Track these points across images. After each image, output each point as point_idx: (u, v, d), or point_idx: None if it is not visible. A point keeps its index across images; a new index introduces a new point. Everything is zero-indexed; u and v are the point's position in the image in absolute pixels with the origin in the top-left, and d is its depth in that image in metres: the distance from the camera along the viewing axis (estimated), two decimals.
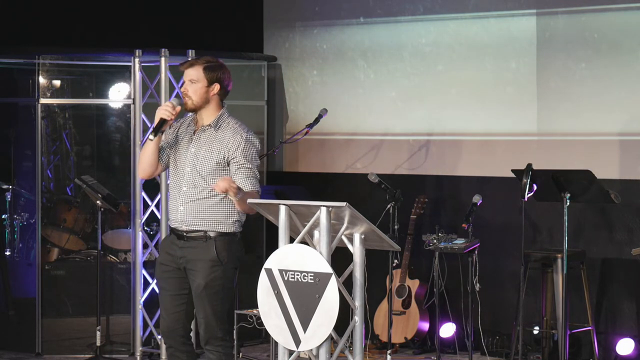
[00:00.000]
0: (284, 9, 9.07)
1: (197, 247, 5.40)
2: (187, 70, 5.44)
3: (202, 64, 5.43)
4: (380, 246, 5.03)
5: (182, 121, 5.58)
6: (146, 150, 5.47)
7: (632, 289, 7.46)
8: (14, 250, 8.82)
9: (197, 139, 5.46)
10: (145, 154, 5.48)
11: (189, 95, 5.42)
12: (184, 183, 5.44)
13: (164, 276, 5.51)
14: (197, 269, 5.39)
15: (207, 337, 5.44)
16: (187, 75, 5.44)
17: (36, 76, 8.28)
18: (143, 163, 5.51)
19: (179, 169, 5.48)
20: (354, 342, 4.85)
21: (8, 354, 8.06)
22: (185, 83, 5.44)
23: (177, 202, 5.48)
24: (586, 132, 7.63)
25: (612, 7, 7.52)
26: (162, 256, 5.55)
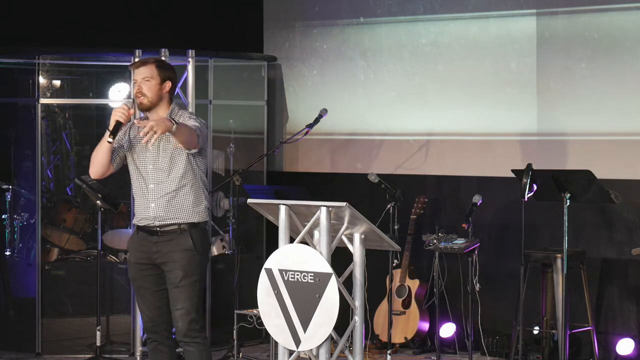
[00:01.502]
0: (284, 9, 9.07)
1: (172, 239, 5.47)
2: (139, 69, 5.52)
3: (154, 62, 5.54)
4: (380, 246, 5.03)
5: (130, 125, 5.63)
6: (99, 152, 5.51)
7: (632, 289, 7.46)
8: (14, 250, 8.82)
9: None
10: (98, 156, 5.52)
11: (143, 92, 5.51)
12: (149, 181, 5.51)
13: (141, 275, 5.56)
14: (174, 260, 5.45)
15: (186, 329, 5.45)
16: (140, 73, 5.51)
17: (36, 76, 8.28)
18: (96, 164, 5.54)
19: (140, 169, 5.55)
20: (354, 342, 4.85)
21: (8, 354, 8.06)
22: (139, 82, 5.51)
23: (146, 200, 5.53)
24: (586, 132, 7.63)
25: (612, 7, 7.52)
26: (135, 255, 5.58)
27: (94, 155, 5.54)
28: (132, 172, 5.61)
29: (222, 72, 8.65)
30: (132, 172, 5.61)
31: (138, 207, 5.59)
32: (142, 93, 5.50)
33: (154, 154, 5.51)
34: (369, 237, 4.91)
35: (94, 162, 5.54)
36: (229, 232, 8.59)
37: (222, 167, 8.95)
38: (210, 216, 8.54)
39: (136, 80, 5.53)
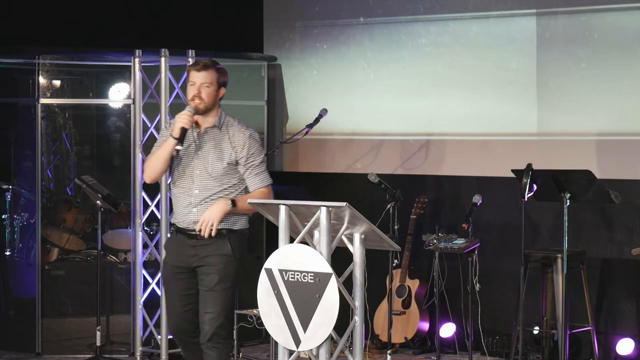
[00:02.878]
0: (284, 9, 9.07)
1: (211, 243, 5.45)
2: (201, 72, 5.49)
3: (214, 68, 5.53)
4: (380, 246, 5.03)
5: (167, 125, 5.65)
6: (161, 158, 5.50)
7: (632, 289, 7.46)
8: (14, 250, 8.82)
9: (203, 141, 5.52)
10: (159, 161, 5.50)
11: (202, 98, 5.49)
12: (194, 185, 5.49)
13: (173, 278, 5.55)
14: (212, 264, 5.45)
15: (212, 333, 5.45)
16: (201, 77, 5.48)
17: (36, 76, 8.28)
18: (156, 169, 5.53)
19: (186, 172, 5.52)
20: (354, 342, 4.85)
21: (8, 354, 8.06)
22: (199, 85, 5.48)
23: (188, 204, 5.50)
24: (586, 132, 7.63)
25: (612, 7, 7.52)
26: (171, 257, 5.57)
27: (152, 161, 5.53)
28: (177, 173, 5.56)
29: None
30: (177, 173, 5.56)
31: (179, 209, 5.55)
32: (201, 98, 5.48)
33: (204, 161, 5.50)
34: (369, 237, 4.91)
35: (152, 168, 5.54)
36: None
37: None
38: None
39: (194, 83, 5.49)
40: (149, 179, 5.60)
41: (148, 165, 5.56)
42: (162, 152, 5.49)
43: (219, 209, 5.39)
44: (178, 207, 5.55)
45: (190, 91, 5.51)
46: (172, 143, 5.43)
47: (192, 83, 5.50)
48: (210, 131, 5.54)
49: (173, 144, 5.43)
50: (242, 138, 5.55)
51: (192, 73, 5.51)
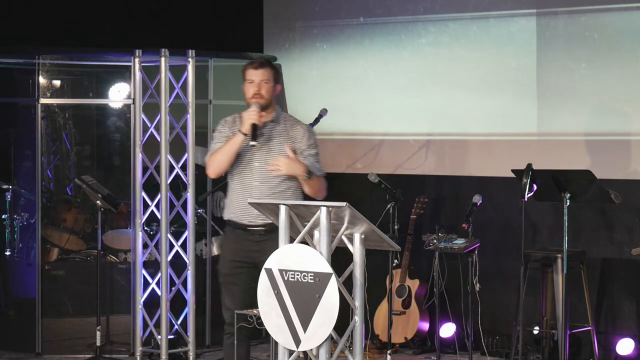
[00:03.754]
0: (284, 9, 9.07)
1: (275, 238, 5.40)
2: (259, 70, 5.71)
3: (269, 65, 5.76)
4: (380, 246, 5.03)
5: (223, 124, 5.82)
6: (230, 152, 5.63)
7: (632, 289, 7.46)
8: (14, 250, 8.82)
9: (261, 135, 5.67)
10: (227, 156, 5.64)
11: (262, 94, 5.69)
12: (254, 179, 5.66)
13: (236, 272, 5.71)
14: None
15: None
16: (259, 75, 5.70)
17: (36, 76, 8.28)
18: (223, 164, 5.67)
19: (247, 167, 5.68)
20: (354, 342, 4.85)
21: (8, 354, 8.06)
22: (258, 83, 5.69)
23: (250, 197, 5.58)
24: (586, 132, 7.63)
25: (612, 7, 7.52)
26: (231, 252, 5.73)
27: (218, 156, 5.66)
28: (236, 168, 5.73)
29: (222, 72, 8.65)
30: (236, 168, 5.73)
31: (239, 204, 5.69)
32: (261, 95, 5.68)
33: (264, 153, 5.68)
34: (369, 237, 4.91)
35: (218, 163, 5.67)
36: None
37: None
38: (210, 216, 8.55)
39: (253, 81, 5.70)
40: (214, 174, 5.74)
41: (213, 160, 5.69)
42: (230, 148, 5.63)
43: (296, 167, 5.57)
44: (238, 203, 5.71)
45: (250, 89, 5.71)
46: (241, 139, 5.59)
47: (251, 81, 5.71)
48: (269, 126, 5.73)
49: (241, 139, 5.59)
50: (301, 130, 5.76)
51: (249, 71, 5.73)
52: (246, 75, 5.74)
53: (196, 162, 7.94)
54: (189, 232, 7.81)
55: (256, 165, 5.67)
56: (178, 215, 7.84)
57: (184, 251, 7.81)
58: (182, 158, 7.80)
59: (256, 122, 5.59)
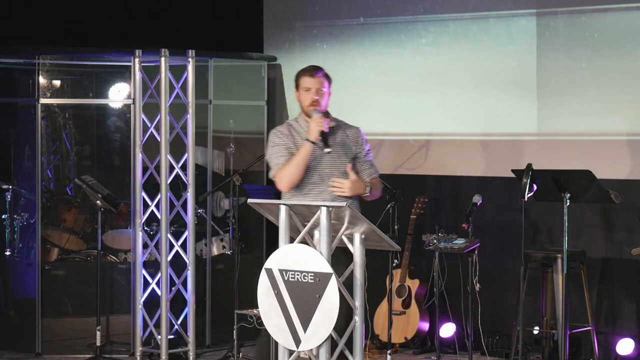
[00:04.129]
0: (284, 9, 9.07)
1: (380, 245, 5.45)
2: (315, 78, 5.69)
3: (324, 73, 5.74)
4: (380, 246, 5.03)
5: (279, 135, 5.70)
6: (302, 163, 5.58)
7: (632, 289, 7.46)
8: (14, 250, 8.82)
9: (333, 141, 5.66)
10: (300, 167, 5.58)
11: (320, 102, 5.68)
12: (325, 186, 5.63)
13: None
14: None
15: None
16: (316, 83, 5.68)
17: (36, 76, 8.28)
18: (296, 176, 5.60)
19: (314, 173, 5.63)
20: (354, 342, 4.85)
21: (8, 354, 8.06)
22: (315, 91, 5.66)
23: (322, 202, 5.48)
24: (586, 132, 7.63)
25: (612, 7, 7.52)
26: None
27: (291, 169, 5.58)
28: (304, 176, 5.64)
29: (222, 72, 8.65)
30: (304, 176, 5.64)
31: None
32: (319, 103, 5.67)
33: (332, 159, 5.66)
34: (369, 237, 4.91)
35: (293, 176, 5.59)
36: (229, 232, 8.59)
37: (222, 167, 8.95)
38: (210, 216, 8.55)
39: (310, 89, 5.67)
40: (288, 186, 5.63)
41: (286, 174, 5.60)
42: (301, 159, 5.57)
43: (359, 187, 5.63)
44: None
45: (307, 97, 5.68)
46: (310, 148, 5.56)
47: (307, 89, 5.68)
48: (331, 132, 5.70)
49: (311, 148, 5.56)
50: (357, 133, 5.82)
51: (305, 79, 5.70)
52: (301, 83, 5.71)
53: (196, 162, 7.95)
54: (189, 232, 7.81)
55: (327, 172, 5.64)
56: (178, 215, 7.84)
57: (184, 251, 7.81)
58: (182, 158, 7.80)
59: (324, 129, 5.56)
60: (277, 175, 5.65)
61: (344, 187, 5.58)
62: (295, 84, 5.78)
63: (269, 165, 5.74)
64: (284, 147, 5.66)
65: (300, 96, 5.73)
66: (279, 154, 5.67)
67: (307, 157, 5.58)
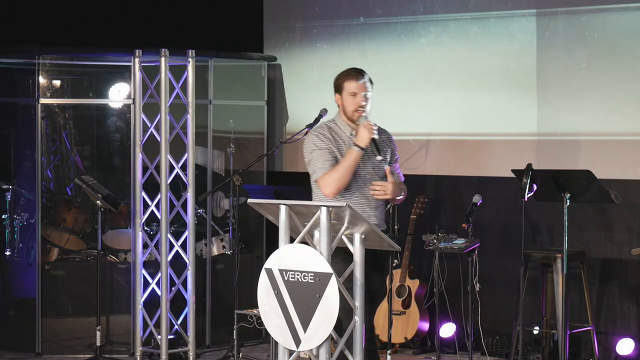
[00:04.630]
0: (284, 9, 9.07)
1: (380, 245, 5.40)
2: (361, 82, 5.57)
3: (368, 77, 5.64)
4: (380, 246, 5.03)
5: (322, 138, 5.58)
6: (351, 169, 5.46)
7: (632, 289, 7.46)
8: (14, 250, 8.82)
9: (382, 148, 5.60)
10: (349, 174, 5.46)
11: (365, 108, 5.57)
12: (368, 190, 5.54)
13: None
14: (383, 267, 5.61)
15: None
16: (363, 88, 5.57)
17: (36, 76, 8.28)
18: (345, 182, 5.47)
19: (359, 178, 5.53)
20: (354, 342, 4.85)
21: (8, 354, 8.06)
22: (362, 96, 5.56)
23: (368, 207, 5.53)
24: (586, 132, 7.63)
25: (612, 7, 7.52)
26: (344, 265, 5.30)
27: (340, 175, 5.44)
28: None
29: (222, 72, 8.65)
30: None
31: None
32: (364, 108, 5.57)
33: (372, 164, 5.57)
34: (369, 237, 4.91)
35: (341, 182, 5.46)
36: (229, 232, 8.59)
37: (222, 167, 8.95)
38: (210, 216, 8.55)
39: (356, 94, 5.56)
40: (335, 192, 5.49)
41: (335, 179, 5.45)
42: (351, 165, 5.46)
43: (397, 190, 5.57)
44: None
45: (353, 102, 5.56)
46: (359, 154, 5.45)
47: (354, 93, 5.57)
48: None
49: (360, 155, 5.45)
50: (390, 137, 5.76)
51: (352, 83, 5.58)
52: (346, 87, 5.59)
53: (196, 162, 7.95)
54: (189, 232, 7.81)
55: (368, 177, 5.55)
56: (178, 215, 7.84)
57: (184, 251, 7.81)
58: (182, 158, 7.81)
59: (375, 135, 5.46)
60: (323, 180, 5.49)
61: (386, 189, 5.51)
62: (336, 87, 5.64)
63: (310, 169, 5.58)
64: (327, 151, 5.52)
65: (343, 100, 5.60)
66: (323, 157, 5.52)
67: (356, 163, 5.46)
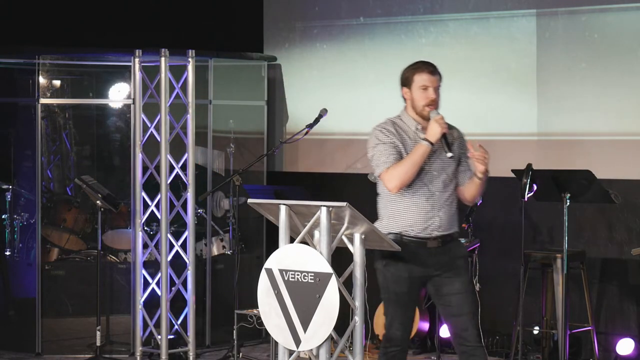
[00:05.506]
0: (284, 9, 9.07)
1: (452, 248, 5.35)
2: (434, 76, 5.41)
3: (439, 71, 5.45)
4: (381, 246, 5.03)
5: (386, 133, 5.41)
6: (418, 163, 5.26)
7: (632, 289, 7.46)
8: (14, 250, 8.82)
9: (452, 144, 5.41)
10: (415, 168, 5.26)
11: (436, 102, 5.42)
12: (435, 188, 5.34)
13: (414, 288, 5.36)
14: (458, 267, 5.33)
15: (477, 333, 5.31)
16: (434, 81, 5.41)
17: (36, 76, 8.28)
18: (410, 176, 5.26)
19: (425, 176, 5.33)
20: (354, 342, 4.85)
21: (8, 354, 8.06)
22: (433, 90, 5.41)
23: (431, 209, 5.33)
24: (586, 132, 7.63)
25: (612, 7, 7.53)
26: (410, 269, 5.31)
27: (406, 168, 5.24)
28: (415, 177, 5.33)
29: (222, 72, 8.65)
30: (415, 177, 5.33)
31: (416, 217, 5.31)
32: (435, 102, 5.40)
33: (439, 161, 5.36)
34: (369, 237, 4.91)
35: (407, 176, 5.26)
36: (229, 232, 8.60)
37: (222, 167, 8.95)
38: (210, 216, 8.55)
39: (427, 87, 5.39)
40: (399, 186, 5.29)
41: (399, 173, 5.26)
42: (418, 159, 5.25)
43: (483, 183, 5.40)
44: (415, 215, 5.33)
45: (423, 95, 5.39)
46: (427, 149, 5.25)
47: (425, 87, 5.39)
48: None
49: (428, 149, 5.25)
50: (460, 134, 5.55)
51: (423, 76, 5.41)
52: (417, 80, 5.40)
53: (196, 162, 7.95)
54: (189, 232, 7.82)
55: (435, 174, 5.34)
56: (178, 215, 7.84)
57: (184, 251, 7.82)
58: (182, 158, 7.81)
59: (445, 130, 5.28)
60: (386, 174, 5.29)
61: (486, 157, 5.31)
62: (404, 80, 5.45)
63: (373, 164, 5.41)
64: (391, 145, 5.33)
65: (412, 94, 5.41)
66: (387, 152, 5.33)
67: (423, 158, 5.26)
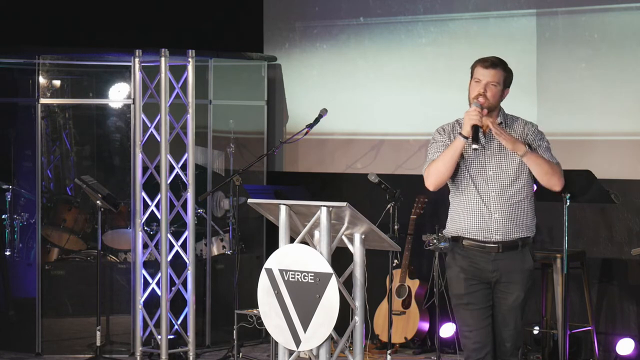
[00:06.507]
0: (284, 9, 9.07)
1: (513, 257, 5.14)
2: (489, 70, 5.14)
3: (504, 68, 5.19)
4: (380, 246, 5.03)
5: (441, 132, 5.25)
6: (452, 159, 5.09)
7: (632, 289, 7.46)
8: (14, 250, 8.82)
9: (490, 139, 5.18)
10: (449, 164, 5.11)
11: (487, 97, 5.13)
12: (490, 188, 5.14)
13: (472, 290, 5.16)
14: (516, 281, 5.13)
15: (513, 348, 5.17)
16: (488, 75, 5.15)
17: (36, 76, 8.28)
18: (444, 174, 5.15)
19: (478, 176, 5.16)
20: (354, 342, 4.85)
21: (8, 354, 8.06)
22: (485, 84, 5.14)
23: (486, 210, 5.15)
24: (586, 132, 7.63)
25: (612, 7, 7.52)
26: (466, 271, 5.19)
27: (439, 166, 5.12)
28: (461, 177, 5.20)
29: (222, 72, 8.65)
30: (461, 177, 5.20)
31: (471, 219, 5.19)
32: (486, 97, 5.12)
33: (498, 160, 5.15)
34: (369, 237, 4.91)
35: (440, 174, 5.15)
36: (229, 232, 8.59)
37: (222, 167, 8.95)
38: (210, 216, 8.55)
39: (480, 80, 5.14)
40: (434, 186, 5.22)
41: (433, 170, 5.16)
42: (451, 155, 5.08)
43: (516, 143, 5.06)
44: (469, 218, 5.22)
45: (475, 88, 5.16)
46: (461, 143, 5.06)
47: (478, 80, 5.15)
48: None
49: (462, 144, 5.07)
50: (530, 128, 5.22)
51: (478, 70, 5.17)
52: (474, 73, 5.17)
53: (196, 162, 7.95)
54: (189, 232, 7.82)
55: (490, 174, 5.12)
56: (178, 215, 7.84)
57: (184, 251, 7.82)
58: (182, 158, 7.81)
59: (477, 122, 5.03)
60: (425, 172, 5.20)
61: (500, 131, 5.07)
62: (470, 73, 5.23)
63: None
64: (442, 144, 5.18)
65: (470, 86, 5.20)
66: (433, 150, 5.21)
67: (456, 153, 5.06)
